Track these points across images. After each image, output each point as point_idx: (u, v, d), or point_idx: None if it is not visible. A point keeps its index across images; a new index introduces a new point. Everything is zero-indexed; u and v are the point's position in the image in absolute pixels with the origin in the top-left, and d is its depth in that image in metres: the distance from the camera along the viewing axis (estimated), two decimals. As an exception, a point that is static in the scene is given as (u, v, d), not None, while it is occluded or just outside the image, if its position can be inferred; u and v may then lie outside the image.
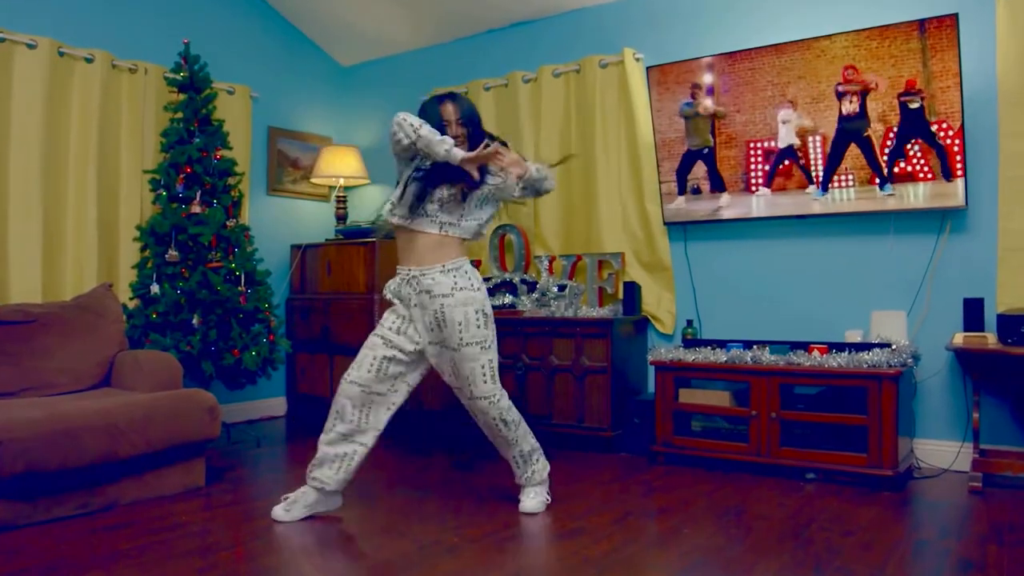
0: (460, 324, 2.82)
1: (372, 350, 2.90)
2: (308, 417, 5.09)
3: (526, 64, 4.81)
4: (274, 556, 2.56)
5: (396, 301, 2.97)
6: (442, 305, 2.83)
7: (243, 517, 2.99)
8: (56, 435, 2.83)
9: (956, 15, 3.35)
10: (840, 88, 3.61)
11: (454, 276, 2.86)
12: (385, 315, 2.99)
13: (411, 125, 2.73)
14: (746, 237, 4.14)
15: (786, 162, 3.83)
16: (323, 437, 2.91)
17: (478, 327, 2.84)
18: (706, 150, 4.03)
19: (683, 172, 4.10)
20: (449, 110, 2.88)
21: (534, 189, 3.00)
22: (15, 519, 2.79)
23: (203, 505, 3.14)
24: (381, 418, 2.93)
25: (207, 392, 3.38)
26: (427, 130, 2.73)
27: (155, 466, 3.19)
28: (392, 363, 2.90)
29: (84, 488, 2.97)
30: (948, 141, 3.45)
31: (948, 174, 3.46)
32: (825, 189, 3.73)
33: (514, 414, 2.94)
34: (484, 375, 2.86)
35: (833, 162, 3.70)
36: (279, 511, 2.89)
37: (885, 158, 3.59)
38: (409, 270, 2.93)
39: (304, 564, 2.50)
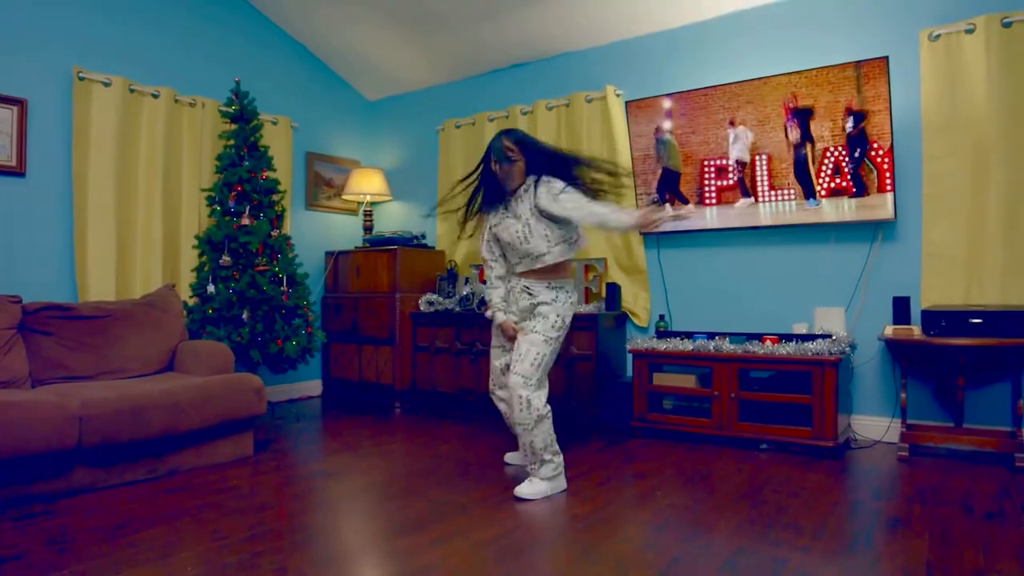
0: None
1: None
2: (340, 397, 5.10)
3: (524, 99, 4.82)
4: (312, 515, 2.56)
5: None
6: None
7: (285, 481, 3.00)
8: (127, 412, 2.84)
9: (887, 57, 3.35)
10: (787, 123, 3.62)
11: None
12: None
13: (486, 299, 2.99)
14: (710, 245, 4.14)
15: (732, 179, 3.82)
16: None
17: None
18: (678, 173, 4.03)
19: (662, 188, 4.08)
20: (506, 143, 2.82)
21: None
22: (94, 483, 2.81)
23: (251, 471, 3.14)
24: None
25: (255, 376, 3.38)
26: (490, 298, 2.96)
27: (210, 438, 3.20)
28: None
29: (151, 457, 2.99)
30: (879, 161, 3.46)
31: (878, 189, 3.47)
32: (813, 197, 3.69)
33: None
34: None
35: (802, 177, 3.70)
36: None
37: (828, 174, 3.59)
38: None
39: (337, 520, 2.50)
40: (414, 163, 5.50)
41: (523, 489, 2.74)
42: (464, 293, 4.57)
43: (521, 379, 2.73)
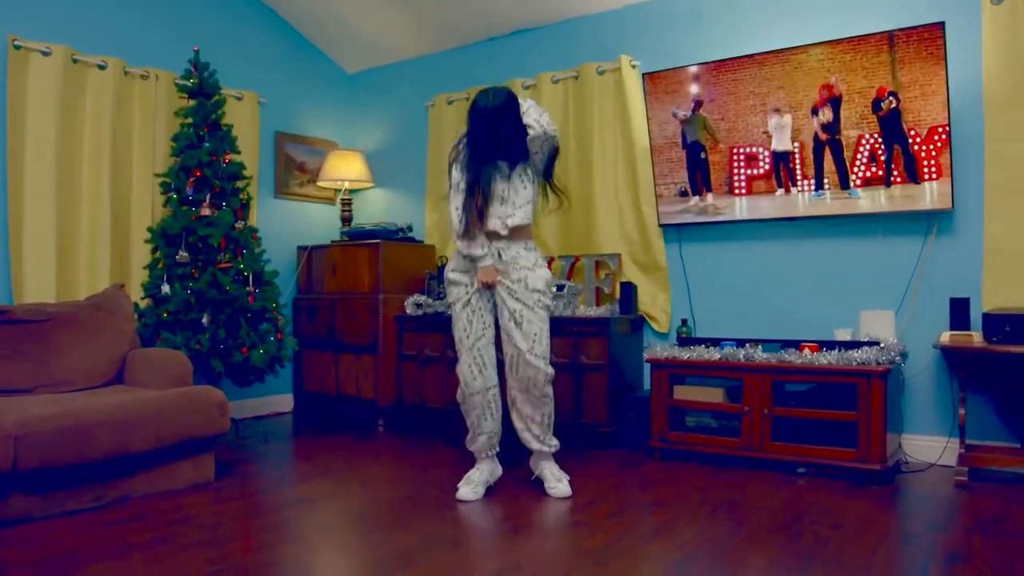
0: None
1: None
2: (315, 413, 5.11)
3: (526, 71, 4.82)
4: (281, 549, 2.56)
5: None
6: None
7: (251, 510, 3.00)
8: (70, 431, 2.84)
9: (942, 23, 3.36)
10: (815, 105, 3.69)
11: None
12: None
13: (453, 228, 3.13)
14: (739, 239, 4.15)
15: (780, 166, 3.85)
16: None
17: None
18: (702, 153, 4.05)
19: (692, 168, 4.11)
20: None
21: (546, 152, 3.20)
22: (30, 512, 2.81)
23: (212, 499, 3.14)
24: None
25: (216, 389, 3.39)
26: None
27: (166, 461, 3.20)
28: None
29: (97, 482, 2.99)
30: (922, 148, 3.48)
31: (915, 177, 3.52)
32: (819, 189, 3.76)
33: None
34: None
35: (818, 166, 3.74)
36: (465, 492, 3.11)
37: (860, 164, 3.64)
38: None
39: (311, 555, 2.51)
40: (399, 145, 5.51)
41: (564, 489, 3.11)
42: (457, 294, 4.56)
43: (543, 360, 3.08)
